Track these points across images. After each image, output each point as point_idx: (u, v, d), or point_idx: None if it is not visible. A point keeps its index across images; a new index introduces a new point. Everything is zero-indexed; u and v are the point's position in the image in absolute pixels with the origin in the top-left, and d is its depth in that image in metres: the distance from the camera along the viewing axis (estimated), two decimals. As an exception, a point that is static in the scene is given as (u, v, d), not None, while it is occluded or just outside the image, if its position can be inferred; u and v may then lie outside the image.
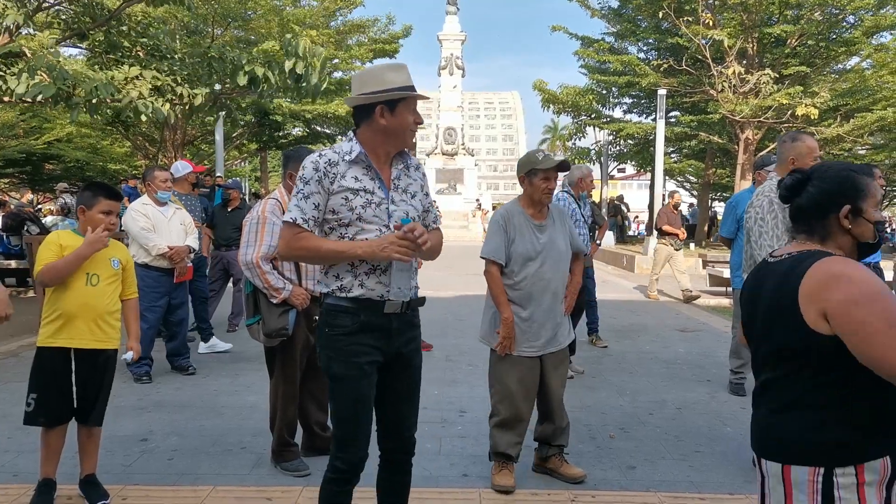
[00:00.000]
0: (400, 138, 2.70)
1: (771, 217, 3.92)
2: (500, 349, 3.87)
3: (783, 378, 1.91)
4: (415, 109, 2.70)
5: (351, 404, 2.66)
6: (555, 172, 3.91)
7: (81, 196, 3.68)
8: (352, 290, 2.64)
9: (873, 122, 19.99)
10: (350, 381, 2.65)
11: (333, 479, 2.70)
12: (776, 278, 1.95)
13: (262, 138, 26.30)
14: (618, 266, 19.01)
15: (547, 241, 3.91)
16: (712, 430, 4.97)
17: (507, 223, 3.90)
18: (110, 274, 3.62)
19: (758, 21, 21.05)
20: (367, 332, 2.64)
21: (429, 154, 41.34)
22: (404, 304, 2.70)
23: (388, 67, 2.71)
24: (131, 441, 4.57)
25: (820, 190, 1.98)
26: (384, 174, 2.70)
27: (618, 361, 7.15)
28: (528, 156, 4.00)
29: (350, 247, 2.58)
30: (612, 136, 26.81)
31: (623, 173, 51.82)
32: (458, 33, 40.27)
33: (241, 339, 7.48)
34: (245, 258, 3.98)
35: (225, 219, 8.25)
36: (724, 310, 10.68)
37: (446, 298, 11.42)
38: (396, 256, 2.52)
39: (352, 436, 2.67)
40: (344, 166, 2.63)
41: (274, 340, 4.03)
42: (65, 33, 9.19)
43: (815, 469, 1.82)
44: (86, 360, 3.55)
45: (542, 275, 3.86)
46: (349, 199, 2.61)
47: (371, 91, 2.64)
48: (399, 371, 2.77)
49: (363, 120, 2.69)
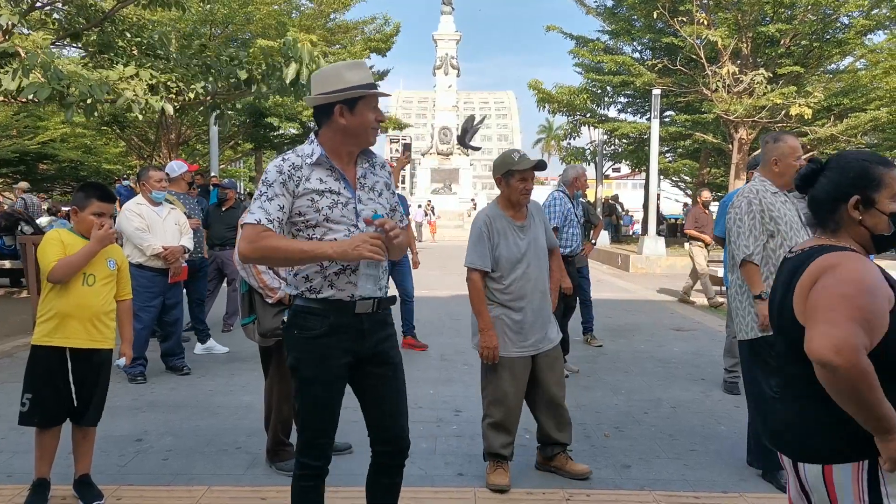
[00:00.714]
0: (362, 137, 2.67)
1: (749, 218, 3.95)
2: (483, 358, 3.87)
3: (802, 375, 1.86)
4: (376, 107, 2.66)
5: (318, 407, 2.64)
6: (531, 173, 3.88)
7: (75, 197, 3.68)
8: (321, 290, 2.61)
9: (867, 122, 20.05)
10: (318, 385, 2.62)
11: (304, 475, 2.70)
12: (786, 275, 1.93)
13: (256, 138, 26.27)
14: (612, 265, 19.05)
15: (530, 241, 3.92)
16: (707, 429, 4.99)
17: (490, 228, 3.89)
18: (106, 274, 3.63)
19: (752, 21, 21.10)
20: (337, 333, 2.61)
21: (424, 154, 41.35)
22: (375, 304, 2.66)
23: (347, 66, 2.67)
24: (126, 441, 4.56)
25: (830, 180, 1.92)
26: (349, 174, 2.67)
27: (613, 361, 7.17)
28: (503, 157, 3.98)
29: (318, 246, 2.53)
30: (606, 136, 26.84)
31: (618, 173, 51.87)
32: (453, 33, 40.26)
33: (235, 340, 7.47)
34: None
35: (219, 218, 8.23)
36: (718, 309, 10.70)
37: (441, 298, 11.43)
38: (368, 255, 2.47)
39: (317, 436, 2.67)
40: (307, 169, 2.60)
41: (269, 340, 4.03)
42: (59, 33, 9.16)
43: (859, 464, 1.77)
44: (81, 360, 3.55)
45: (528, 275, 3.88)
46: (315, 201, 2.58)
47: (329, 91, 2.60)
48: (377, 370, 2.72)
49: (323, 120, 2.65)
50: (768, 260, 3.96)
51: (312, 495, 2.72)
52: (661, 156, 24.51)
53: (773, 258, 3.95)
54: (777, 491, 3.87)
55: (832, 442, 1.80)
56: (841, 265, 1.78)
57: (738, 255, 3.96)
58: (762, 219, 3.94)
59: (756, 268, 3.93)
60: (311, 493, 2.72)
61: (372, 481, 2.84)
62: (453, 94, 41.11)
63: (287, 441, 4.14)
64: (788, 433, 1.92)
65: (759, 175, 4.14)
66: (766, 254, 3.96)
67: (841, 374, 1.66)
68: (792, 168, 4.08)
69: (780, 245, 3.94)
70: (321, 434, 2.68)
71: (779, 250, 3.94)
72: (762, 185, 4.05)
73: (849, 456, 1.78)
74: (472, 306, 3.90)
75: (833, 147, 22.25)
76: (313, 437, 2.67)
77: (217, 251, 8.16)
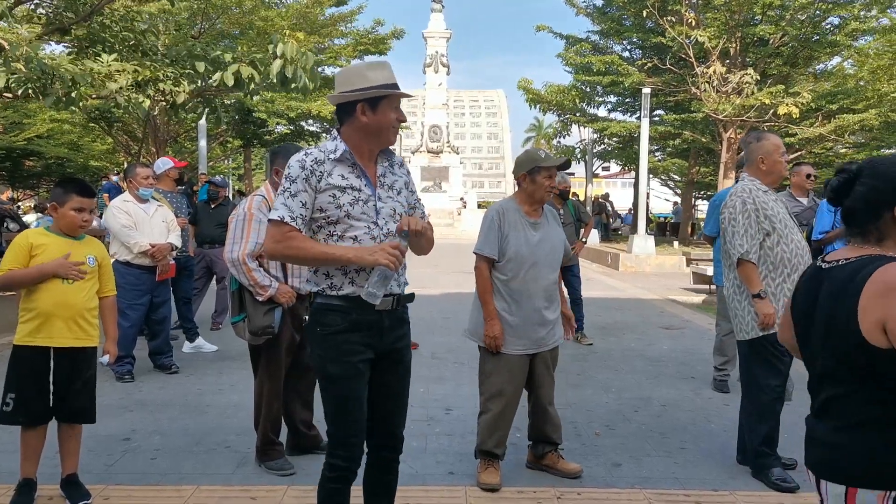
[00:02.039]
0: (383, 136, 2.70)
1: (744, 217, 3.95)
2: (488, 347, 3.86)
3: (847, 394, 1.80)
4: (397, 107, 2.69)
5: (346, 403, 2.66)
6: (556, 171, 3.92)
7: (53, 193, 3.63)
8: (342, 287, 2.63)
9: (855, 123, 20.19)
10: (345, 380, 2.64)
11: (332, 477, 2.69)
12: (834, 286, 1.82)
13: (245, 135, 26.15)
14: (602, 264, 19.09)
15: (541, 239, 3.90)
16: (697, 427, 5.00)
17: (502, 219, 3.88)
18: (87, 271, 3.57)
19: (741, 21, 21.18)
20: (358, 329, 2.63)
21: (414, 152, 41.27)
22: (395, 300, 2.70)
23: (370, 65, 2.71)
24: (113, 440, 4.52)
25: (869, 187, 1.83)
26: (370, 172, 2.71)
27: (603, 359, 7.17)
28: (529, 154, 4.00)
29: (340, 251, 2.57)
30: (596, 135, 26.89)
31: (608, 171, 52.03)
32: (444, 31, 40.18)
33: (224, 338, 7.42)
34: (231, 255, 3.94)
35: (209, 216, 8.17)
36: (708, 307, 10.74)
37: (433, 296, 11.40)
38: (384, 262, 2.51)
39: (349, 434, 2.67)
40: (330, 165, 2.63)
41: (259, 339, 4.00)
42: (47, 27, 9.07)
43: (886, 493, 1.71)
44: (66, 359, 3.50)
45: (535, 273, 3.85)
46: (337, 197, 2.60)
47: (352, 89, 2.63)
48: (390, 368, 2.77)
49: (346, 118, 2.68)
50: (766, 259, 3.96)
51: (339, 498, 2.71)
52: (651, 154, 24.58)
53: (770, 256, 3.95)
54: (767, 489, 3.88)
55: (865, 466, 1.75)
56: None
57: (735, 254, 3.96)
58: (757, 217, 3.94)
59: (754, 266, 3.93)
60: (338, 497, 2.71)
61: (370, 479, 2.86)
62: (443, 92, 41.04)
63: (277, 440, 4.11)
64: (819, 449, 1.87)
65: (748, 174, 4.15)
66: (763, 252, 3.96)
67: None
68: (778, 165, 4.10)
69: (776, 243, 3.94)
70: (351, 432, 2.67)
71: (776, 248, 3.94)
72: (753, 185, 4.06)
73: (879, 483, 1.73)
74: (479, 295, 3.89)
75: (821, 147, 22.39)
76: (344, 436, 2.67)
77: (206, 249, 8.10)
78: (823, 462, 1.85)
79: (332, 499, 2.71)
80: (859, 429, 1.76)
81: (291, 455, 4.16)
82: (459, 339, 4.45)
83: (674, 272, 17.04)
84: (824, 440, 1.86)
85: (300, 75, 7.76)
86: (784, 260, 3.94)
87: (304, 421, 4.31)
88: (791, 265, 3.94)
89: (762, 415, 3.99)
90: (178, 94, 8.29)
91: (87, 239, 3.67)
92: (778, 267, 3.95)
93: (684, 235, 26.38)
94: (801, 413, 5.27)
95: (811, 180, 6.35)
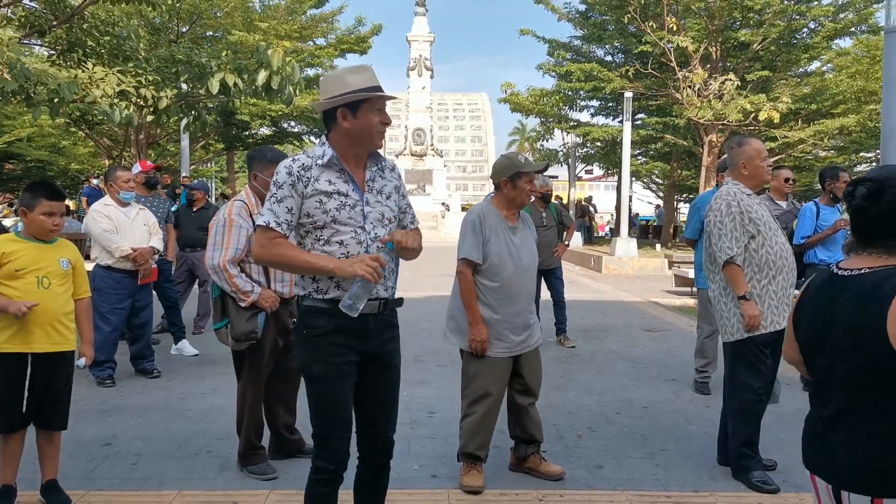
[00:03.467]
0: (367, 140, 2.70)
1: (729, 220, 4.00)
2: (473, 351, 3.87)
3: (873, 403, 1.78)
4: (380, 110, 2.69)
5: (330, 404, 2.68)
6: (535, 175, 3.97)
7: (22, 197, 3.58)
8: (328, 291, 2.66)
9: (835, 128, 20.43)
10: (329, 382, 2.66)
11: (318, 479, 2.70)
12: (859, 294, 1.81)
13: (228, 138, 26.01)
14: (585, 266, 19.18)
15: (520, 242, 3.94)
16: (678, 429, 5.04)
17: (482, 223, 3.90)
18: (61, 274, 3.53)
19: (721, 25, 21.39)
20: (343, 332, 2.65)
21: (397, 155, 41.23)
22: (381, 304, 2.72)
23: (350, 70, 2.73)
24: (94, 445, 4.48)
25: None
26: (358, 176, 2.72)
27: (585, 361, 7.21)
28: (509, 159, 4.02)
29: (322, 261, 2.60)
30: (579, 139, 27.03)
31: (591, 175, 52.29)
32: (427, 34, 40.23)
33: (207, 342, 7.38)
34: (212, 262, 3.92)
35: (190, 219, 8.13)
36: (690, 310, 10.81)
37: (416, 299, 11.40)
38: (362, 274, 2.52)
39: (332, 434, 2.68)
40: (317, 170, 2.65)
41: (243, 344, 3.98)
42: (25, 29, 8.98)
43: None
44: (44, 364, 3.47)
45: (517, 276, 3.88)
46: (323, 202, 2.63)
47: (333, 96, 2.66)
48: (377, 371, 2.78)
49: (331, 125, 2.71)
50: (751, 261, 4.00)
51: (327, 501, 2.72)
52: (633, 158, 24.76)
53: (755, 259, 4.00)
54: (747, 490, 3.92)
55: (892, 476, 1.75)
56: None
57: (721, 256, 4.00)
58: (742, 220, 3.99)
59: (739, 269, 3.97)
60: (326, 500, 2.71)
61: (361, 482, 2.88)
62: (427, 95, 41.08)
63: (260, 445, 4.10)
64: (838, 459, 1.85)
65: (731, 178, 4.20)
66: (748, 255, 4.01)
67: None
68: (760, 170, 4.15)
69: (761, 245, 3.99)
70: (334, 432, 2.68)
71: (760, 250, 3.98)
72: (737, 188, 4.10)
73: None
74: (462, 300, 3.90)
75: (801, 150, 22.64)
76: (327, 436, 2.68)
77: (188, 252, 8.06)
78: (845, 472, 1.82)
79: (321, 501, 2.72)
80: (885, 437, 1.76)
81: (274, 459, 4.14)
82: (442, 342, 4.45)
83: (656, 275, 17.15)
84: (845, 450, 1.82)
85: (285, 85, 7.76)
86: (769, 262, 4.00)
87: (286, 425, 4.30)
88: (776, 267, 4.00)
89: (744, 416, 4.03)
90: (160, 100, 8.24)
91: (59, 242, 3.62)
92: (763, 269, 4.00)
93: (667, 238, 26.57)
94: (781, 415, 5.32)
95: (790, 184, 6.43)
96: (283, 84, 7.76)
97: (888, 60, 6.97)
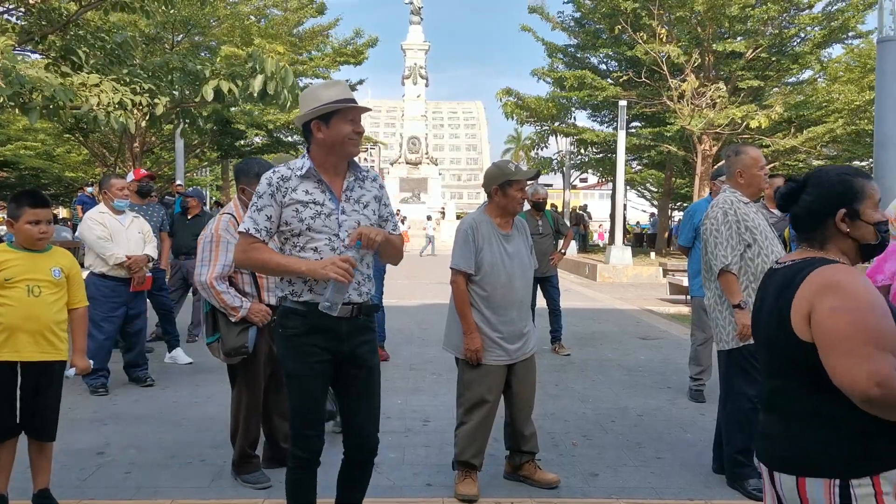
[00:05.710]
0: (339, 148, 2.85)
1: (725, 228, 4.01)
2: (468, 360, 3.87)
3: (789, 387, 1.90)
4: (353, 119, 2.85)
5: (303, 399, 2.88)
6: (526, 183, 4.00)
7: (8, 208, 3.56)
8: (302, 294, 2.84)
9: (823, 134, 20.54)
10: (302, 378, 2.86)
11: (294, 466, 2.92)
12: (778, 286, 1.95)
13: (223, 146, 25.99)
14: (580, 275, 19.20)
15: (514, 251, 3.94)
16: (673, 437, 5.04)
17: (475, 232, 3.91)
18: (52, 283, 3.47)
19: (711, 35, 21.51)
20: (316, 333, 2.83)
21: (393, 163, 41.36)
22: (355, 309, 2.87)
23: (323, 85, 2.94)
24: (87, 454, 4.46)
25: (814, 196, 1.98)
26: (335, 186, 2.88)
27: (580, 369, 7.21)
28: (499, 167, 4.03)
29: (294, 263, 2.79)
30: (573, 146, 27.08)
31: (585, 183, 52.41)
32: (422, 43, 40.38)
33: (201, 350, 7.35)
34: (200, 279, 3.90)
35: (185, 227, 8.11)
36: (684, 318, 10.84)
37: (410, 307, 11.40)
38: (333, 276, 2.68)
39: (304, 426, 2.88)
40: (296, 181, 2.84)
41: (234, 359, 3.97)
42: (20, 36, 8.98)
43: (831, 481, 1.78)
44: (33, 374, 3.43)
45: (511, 284, 3.89)
46: (299, 211, 2.81)
47: (307, 110, 2.84)
48: (353, 371, 2.93)
49: (309, 137, 2.89)
50: (746, 270, 4.01)
51: (305, 486, 2.93)
52: (628, 165, 24.81)
53: (751, 267, 4.00)
54: (743, 497, 3.92)
55: (810, 456, 1.83)
56: (841, 285, 1.79)
57: (717, 265, 4.00)
58: (738, 229, 4.00)
59: (734, 277, 3.98)
60: (303, 484, 2.93)
61: (344, 475, 3.06)
62: (422, 103, 41.21)
63: (253, 454, 4.08)
64: (769, 442, 1.96)
65: (729, 186, 4.21)
66: (744, 263, 4.01)
67: (888, 400, 1.70)
68: (757, 178, 4.16)
69: (757, 254, 3.99)
70: (306, 426, 2.88)
71: (756, 259, 3.99)
72: (734, 196, 4.11)
73: (823, 471, 1.81)
74: (457, 309, 3.91)
75: (794, 158, 22.74)
76: (300, 429, 2.89)
77: (182, 260, 8.04)
78: (772, 452, 1.95)
79: (298, 486, 2.93)
80: (804, 420, 1.86)
81: (268, 468, 4.12)
82: (437, 350, 4.45)
83: (651, 283, 17.19)
84: (773, 433, 1.95)
85: (281, 90, 7.77)
86: (765, 271, 4.00)
87: (284, 433, 4.28)
88: None
89: (740, 424, 4.03)
90: (156, 107, 8.24)
91: (52, 250, 3.57)
92: (759, 278, 4.00)
93: (661, 246, 26.62)
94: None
95: (783, 192, 6.44)
96: (279, 89, 7.77)
97: (881, 69, 7.01)
